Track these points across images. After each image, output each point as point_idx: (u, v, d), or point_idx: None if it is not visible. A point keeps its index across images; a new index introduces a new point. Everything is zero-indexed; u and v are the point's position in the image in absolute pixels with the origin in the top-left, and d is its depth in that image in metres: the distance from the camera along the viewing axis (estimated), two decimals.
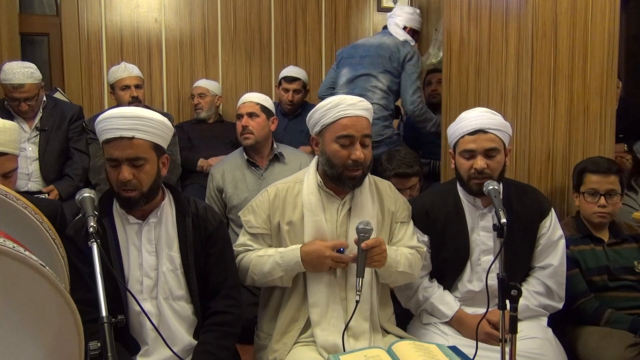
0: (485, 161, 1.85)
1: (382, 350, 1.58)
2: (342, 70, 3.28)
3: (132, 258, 1.64)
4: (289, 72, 3.67)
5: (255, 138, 2.71)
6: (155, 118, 1.62)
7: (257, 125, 2.71)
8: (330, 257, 1.69)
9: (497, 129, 1.87)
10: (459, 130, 1.91)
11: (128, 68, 3.30)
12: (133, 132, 1.57)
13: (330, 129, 1.76)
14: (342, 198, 1.82)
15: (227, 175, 2.73)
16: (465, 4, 2.82)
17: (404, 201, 1.96)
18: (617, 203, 2.23)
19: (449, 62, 2.94)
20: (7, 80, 2.81)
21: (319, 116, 1.78)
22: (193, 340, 1.67)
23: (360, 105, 1.77)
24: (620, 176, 2.23)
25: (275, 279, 1.73)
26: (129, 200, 1.61)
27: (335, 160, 1.75)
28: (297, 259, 1.70)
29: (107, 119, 1.59)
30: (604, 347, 1.95)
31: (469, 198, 1.97)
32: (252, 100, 2.79)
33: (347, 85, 3.19)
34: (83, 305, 1.51)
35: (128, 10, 3.89)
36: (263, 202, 1.82)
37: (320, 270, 1.72)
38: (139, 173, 1.59)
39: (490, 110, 1.92)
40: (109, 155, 1.60)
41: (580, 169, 2.27)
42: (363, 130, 1.75)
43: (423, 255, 1.91)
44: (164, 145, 1.67)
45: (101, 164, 3.08)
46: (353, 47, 3.37)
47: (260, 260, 1.75)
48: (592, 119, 2.54)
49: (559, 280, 1.96)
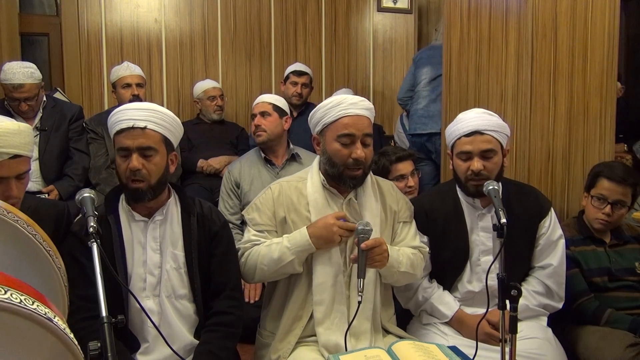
0: (482, 162, 1.85)
1: (382, 351, 1.58)
2: (422, 69, 3.34)
3: (136, 255, 1.65)
4: (297, 67, 3.74)
5: (267, 135, 2.77)
6: (168, 113, 1.67)
7: (270, 124, 2.78)
8: (337, 225, 1.68)
9: (493, 130, 1.86)
10: (455, 131, 1.91)
11: (130, 67, 3.32)
12: (146, 123, 1.60)
13: (331, 128, 1.76)
14: (344, 196, 1.82)
15: (244, 171, 2.78)
16: (465, 4, 2.82)
17: (406, 201, 1.96)
18: (623, 215, 2.20)
19: (449, 62, 2.94)
20: (7, 80, 2.81)
21: (320, 115, 1.79)
22: (194, 339, 1.67)
23: (362, 105, 1.77)
24: (635, 189, 2.16)
25: (286, 265, 1.71)
26: (136, 192, 1.61)
27: (336, 159, 1.75)
28: (306, 237, 1.69)
29: (121, 111, 1.63)
30: (604, 347, 1.95)
31: (468, 199, 1.97)
32: (264, 100, 2.86)
33: (429, 83, 3.28)
34: (84, 302, 1.53)
35: (128, 10, 3.89)
36: (267, 199, 1.82)
37: (331, 241, 1.69)
38: (149, 164, 1.61)
39: (487, 111, 1.92)
40: (121, 145, 1.61)
41: (597, 171, 2.21)
42: (364, 129, 1.75)
43: (426, 255, 1.91)
44: (174, 141, 1.70)
45: (101, 163, 3.08)
46: (431, 48, 3.48)
47: (269, 249, 1.74)
48: (592, 119, 2.54)
49: (559, 280, 1.96)
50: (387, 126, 4.54)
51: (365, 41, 4.54)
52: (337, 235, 1.68)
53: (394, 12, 4.59)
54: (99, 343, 1.10)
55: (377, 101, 4.59)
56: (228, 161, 3.39)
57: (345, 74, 4.47)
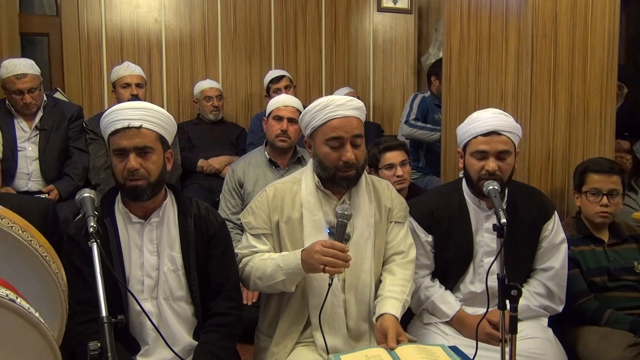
0: (497, 163, 1.84)
1: (382, 350, 1.58)
2: None
3: (133, 258, 1.64)
4: (273, 74, 3.71)
5: (290, 142, 2.79)
6: (162, 111, 1.66)
7: (295, 131, 2.78)
8: (319, 252, 1.58)
9: (510, 131, 1.85)
10: (471, 130, 1.88)
11: (130, 67, 3.33)
12: (141, 122, 1.59)
13: (320, 132, 1.74)
14: (339, 198, 1.81)
15: (249, 171, 2.78)
16: (465, 4, 2.82)
17: (402, 201, 1.94)
18: (619, 203, 2.23)
19: (449, 62, 2.94)
20: (9, 73, 2.82)
21: (308, 119, 1.77)
22: (193, 341, 1.66)
23: (350, 105, 1.74)
24: (622, 176, 2.23)
25: (277, 283, 1.69)
26: (136, 189, 1.59)
27: (326, 162, 1.74)
28: (298, 260, 1.64)
29: (114, 112, 1.61)
30: (604, 347, 1.95)
31: (474, 199, 1.96)
32: (294, 106, 2.83)
33: None
34: (84, 305, 1.53)
35: (128, 10, 3.90)
36: (262, 202, 1.81)
37: (314, 268, 1.61)
38: (146, 163, 1.59)
39: (502, 111, 1.89)
40: (116, 145, 1.59)
41: (583, 169, 2.27)
42: (353, 130, 1.73)
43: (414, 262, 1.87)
44: (168, 139, 1.69)
45: (101, 164, 3.08)
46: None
47: (264, 264, 1.72)
48: (592, 119, 2.54)
49: (560, 283, 1.96)
50: (387, 126, 4.54)
51: (365, 41, 4.54)
52: (318, 263, 1.57)
53: (394, 12, 4.59)
54: (99, 343, 1.10)
55: (377, 101, 4.60)
56: (228, 161, 3.39)
57: (345, 74, 4.47)
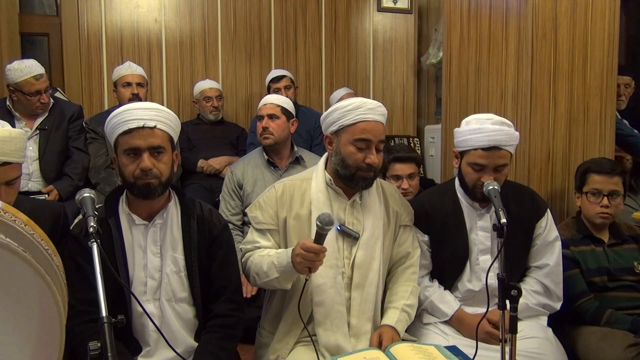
0: (494, 175, 1.85)
1: (380, 352, 1.59)
2: None
3: (137, 259, 1.64)
4: (273, 74, 3.73)
5: (274, 139, 2.77)
6: (171, 112, 1.67)
7: (277, 127, 2.77)
8: (300, 255, 1.56)
9: (510, 144, 1.86)
10: (472, 141, 1.87)
11: (132, 66, 3.33)
12: (155, 122, 1.60)
13: (348, 131, 1.76)
14: (349, 197, 1.82)
15: (248, 172, 2.78)
16: (465, 4, 2.83)
17: (407, 205, 1.98)
18: (620, 204, 2.23)
19: (449, 62, 2.94)
20: (25, 75, 2.80)
21: (338, 116, 1.78)
22: (194, 342, 1.67)
23: (379, 111, 1.79)
24: (623, 177, 2.23)
25: (272, 280, 1.69)
26: (148, 186, 1.59)
27: (349, 161, 1.76)
28: (289, 259, 1.63)
29: (126, 111, 1.60)
30: (604, 347, 1.95)
31: (467, 199, 1.97)
32: (273, 102, 2.84)
33: None
34: (85, 305, 1.52)
35: (128, 10, 3.90)
36: (270, 198, 1.82)
37: (300, 269, 1.60)
38: (159, 163, 1.60)
39: (504, 120, 1.87)
40: (129, 145, 1.59)
41: (584, 169, 2.27)
42: (379, 135, 1.78)
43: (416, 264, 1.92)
44: (175, 140, 1.71)
45: (101, 163, 3.08)
46: None
47: (261, 260, 1.73)
48: (592, 119, 2.54)
49: (556, 280, 1.96)
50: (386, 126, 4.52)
51: (365, 41, 4.54)
52: (300, 265, 1.57)
53: (394, 12, 4.60)
54: (99, 343, 1.10)
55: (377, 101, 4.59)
56: (228, 161, 3.39)
57: (345, 74, 4.47)
